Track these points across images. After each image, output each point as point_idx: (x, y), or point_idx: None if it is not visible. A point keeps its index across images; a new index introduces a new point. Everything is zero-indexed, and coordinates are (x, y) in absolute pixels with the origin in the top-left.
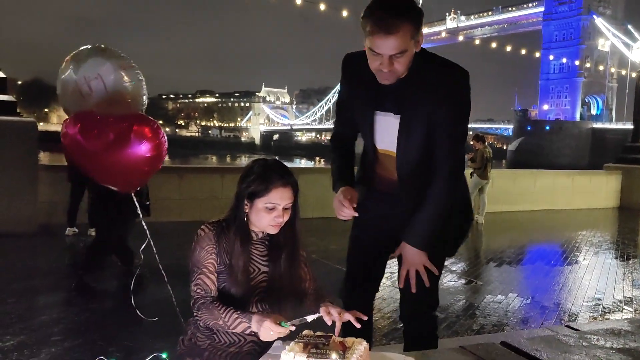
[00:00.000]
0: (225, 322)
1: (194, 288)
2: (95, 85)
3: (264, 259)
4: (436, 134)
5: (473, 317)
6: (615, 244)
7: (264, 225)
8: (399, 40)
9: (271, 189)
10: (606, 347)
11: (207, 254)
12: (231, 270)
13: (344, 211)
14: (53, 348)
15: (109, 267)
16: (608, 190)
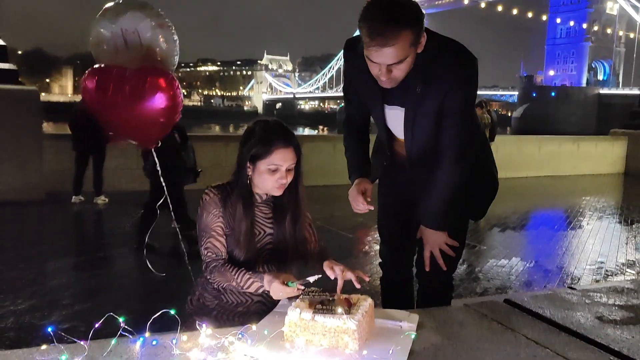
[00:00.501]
0: (238, 283)
1: (205, 252)
2: (131, 40)
3: (269, 221)
4: (443, 121)
5: (477, 281)
6: (619, 209)
7: (267, 188)
8: (397, 50)
9: (273, 151)
10: (608, 304)
11: (215, 217)
12: (236, 233)
13: (359, 206)
14: (64, 311)
15: (117, 234)
16: (613, 156)
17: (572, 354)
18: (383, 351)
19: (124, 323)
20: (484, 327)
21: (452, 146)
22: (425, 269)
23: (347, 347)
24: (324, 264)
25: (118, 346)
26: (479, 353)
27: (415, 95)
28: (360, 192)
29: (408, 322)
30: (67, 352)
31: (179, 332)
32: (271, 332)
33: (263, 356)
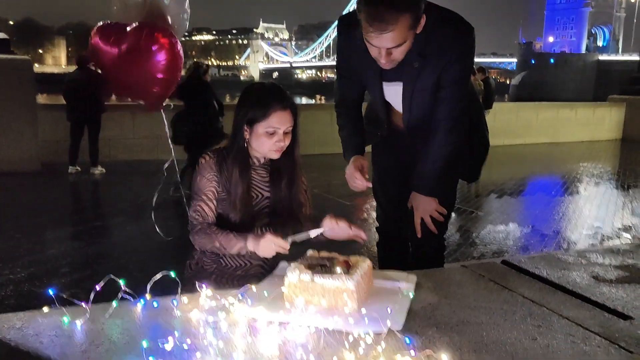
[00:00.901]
0: (221, 244)
1: (192, 214)
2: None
3: (266, 185)
4: (440, 92)
5: (474, 246)
6: (616, 175)
7: (265, 151)
8: (396, 34)
9: (271, 113)
10: (605, 265)
11: (208, 181)
12: (233, 196)
13: (356, 183)
14: (63, 279)
15: (114, 204)
16: (611, 122)
17: (567, 311)
18: (382, 310)
19: (124, 286)
20: (481, 286)
21: (448, 117)
22: (418, 236)
23: (347, 307)
24: (326, 219)
25: (119, 308)
26: (476, 311)
27: (414, 70)
28: (357, 169)
29: (406, 282)
30: (69, 314)
31: (179, 294)
32: (271, 293)
33: (263, 316)
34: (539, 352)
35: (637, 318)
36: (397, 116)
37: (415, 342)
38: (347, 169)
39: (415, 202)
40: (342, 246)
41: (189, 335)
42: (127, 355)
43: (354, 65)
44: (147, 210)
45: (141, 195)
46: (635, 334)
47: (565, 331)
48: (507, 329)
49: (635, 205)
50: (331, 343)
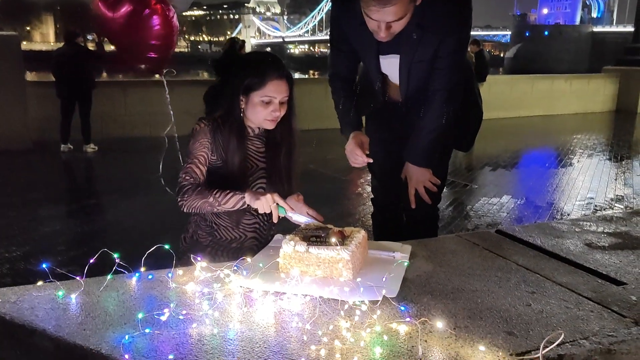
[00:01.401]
0: (216, 198)
1: (183, 175)
2: None
3: (261, 156)
4: (436, 62)
5: (468, 218)
6: (609, 146)
7: (260, 120)
8: (397, 8)
9: (267, 82)
10: (598, 232)
11: (201, 146)
12: (227, 166)
13: (357, 159)
14: (59, 257)
15: (108, 181)
16: (605, 94)
17: (561, 278)
18: (377, 279)
19: (119, 260)
20: (476, 255)
21: (444, 88)
22: (412, 206)
23: (342, 276)
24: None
25: (114, 281)
26: (471, 279)
27: (411, 42)
28: (357, 145)
29: (401, 252)
30: (64, 288)
31: (174, 266)
32: (266, 264)
33: (259, 286)
34: (532, 317)
35: (630, 283)
36: (393, 88)
37: (410, 310)
38: (347, 145)
39: (409, 173)
40: (336, 219)
41: (185, 307)
42: (123, 326)
43: (349, 38)
44: (141, 187)
45: (133, 170)
46: (627, 299)
47: (558, 297)
48: (501, 295)
49: (628, 176)
50: (327, 311)
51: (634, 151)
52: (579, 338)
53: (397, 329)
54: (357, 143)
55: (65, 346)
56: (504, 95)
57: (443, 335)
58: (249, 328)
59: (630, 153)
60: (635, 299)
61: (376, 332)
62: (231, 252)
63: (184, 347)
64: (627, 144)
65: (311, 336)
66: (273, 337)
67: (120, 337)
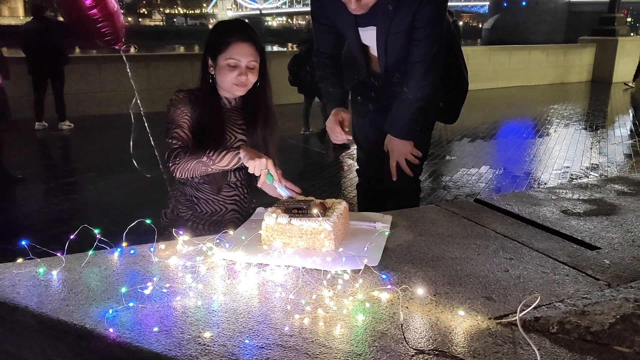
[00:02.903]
0: (209, 157)
1: (171, 141)
2: None
3: (239, 127)
4: (414, 34)
5: (447, 189)
6: (585, 116)
7: (228, 85)
8: None
9: (230, 43)
10: (573, 199)
11: (182, 113)
12: (206, 137)
13: (337, 136)
14: (38, 236)
15: (85, 159)
16: (582, 64)
17: (537, 244)
18: (358, 249)
19: (100, 235)
20: (455, 223)
21: (423, 60)
22: (393, 179)
23: (324, 247)
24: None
25: (96, 257)
26: (450, 247)
27: (387, 13)
28: (338, 122)
29: (382, 223)
30: (45, 264)
31: (156, 240)
32: (248, 237)
33: (241, 259)
34: (510, 282)
35: (603, 248)
36: (374, 60)
37: (391, 278)
38: (328, 121)
39: (390, 146)
40: (318, 191)
41: (168, 280)
42: (107, 301)
43: (328, 12)
44: (119, 164)
45: (109, 147)
46: (601, 262)
47: (535, 262)
48: (480, 262)
49: (603, 144)
50: (309, 281)
51: (609, 121)
52: (554, 301)
53: (378, 297)
54: (337, 120)
55: (49, 322)
56: (482, 66)
57: (424, 301)
58: (232, 299)
59: (606, 122)
60: (609, 262)
61: (358, 300)
62: (212, 225)
63: (169, 320)
64: (602, 113)
65: (295, 306)
66: (257, 308)
67: (104, 312)
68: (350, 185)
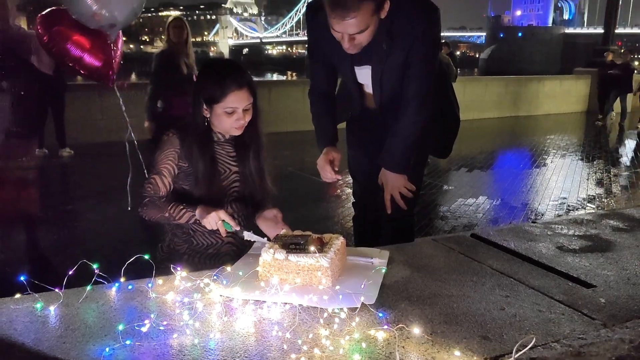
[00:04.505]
0: (171, 214)
1: (145, 186)
2: None
3: (232, 159)
4: (408, 71)
5: (445, 220)
6: (581, 147)
7: (226, 129)
8: (358, 21)
9: (227, 94)
10: (569, 235)
11: (166, 157)
12: (197, 172)
13: (327, 175)
14: (35, 265)
15: (84, 187)
16: (577, 95)
17: (533, 281)
18: (355, 286)
19: (98, 270)
20: (451, 259)
21: (416, 95)
22: (387, 212)
23: (321, 284)
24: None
25: (94, 292)
26: (447, 284)
27: (382, 51)
28: (328, 161)
29: (379, 258)
30: (42, 300)
31: (154, 276)
32: (246, 272)
33: (238, 295)
34: (507, 321)
35: (599, 286)
36: (369, 96)
37: (388, 316)
38: (319, 160)
39: (384, 179)
40: (315, 222)
41: (165, 317)
42: (104, 338)
43: (325, 51)
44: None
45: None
46: (597, 301)
47: (531, 300)
48: (476, 300)
49: (600, 176)
50: (306, 320)
51: (605, 152)
52: (550, 341)
53: (375, 336)
54: (327, 159)
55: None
56: (479, 96)
57: (420, 340)
58: (229, 337)
59: (602, 153)
60: (604, 301)
61: (355, 340)
62: (208, 258)
63: (165, 359)
64: (599, 144)
65: (291, 345)
66: (253, 347)
67: (100, 350)
68: (348, 215)
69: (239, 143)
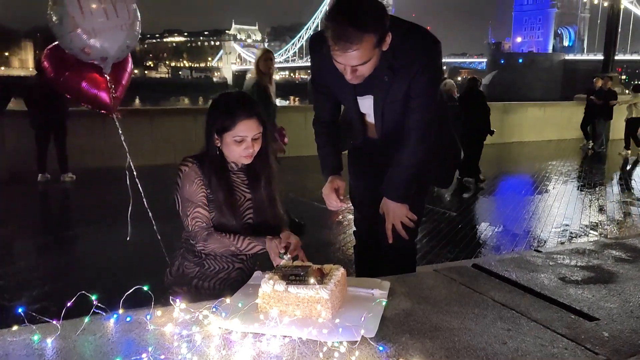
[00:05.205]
0: (238, 247)
1: (192, 221)
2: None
3: (246, 187)
4: (409, 102)
5: (447, 247)
6: (583, 173)
7: (236, 157)
8: (360, 53)
9: (237, 123)
10: (571, 265)
11: (198, 187)
12: (216, 200)
13: (332, 204)
14: (34, 291)
15: (85, 212)
16: (578, 121)
17: (536, 314)
18: (356, 319)
19: (97, 301)
20: (453, 291)
21: (417, 127)
22: (389, 241)
23: (320, 316)
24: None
25: (91, 324)
26: (448, 316)
27: (383, 83)
28: (333, 189)
29: (380, 290)
30: (40, 332)
31: (152, 307)
32: (245, 304)
33: (237, 328)
34: (508, 356)
35: (602, 319)
36: (371, 126)
37: (388, 350)
38: (324, 189)
39: (386, 208)
40: (317, 249)
41: (163, 350)
42: None
43: (328, 82)
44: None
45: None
46: (600, 335)
47: (534, 334)
48: (478, 333)
49: (602, 202)
50: (305, 353)
51: (606, 178)
52: None
53: None
54: (332, 188)
55: None
56: None
57: None
58: None
59: (604, 179)
60: (608, 335)
61: None
62: (218, 282)
63: None
64: (601, 170)
65: None
66: None
67: None
68: (350, 242)
69: (251, 171)
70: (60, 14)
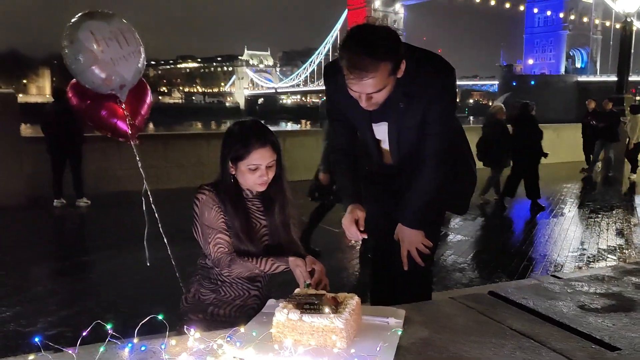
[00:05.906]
0: (262, 270)
1: (214, 248)
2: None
3: (261, 213)
4: (425, 129)
5: (462, 272)
6: (599, 195)
7: (250, 185)
8: (375, 81)
9: (251, 151)
10: (590, 293)
11: (217, 214)
12: (234, 227)
13: (353, 235)
14: (50, 317)
15: (101, 237)
16: None
17: (555, 343)
18: (371, 348)
19: (112, 329)
20: (470, 319)
21: (433, 154)
22: (405, 268)
23: (335, 346)
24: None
25: (106, 353)
26: (465, 346)
27: (399, 110)
28: (354, 220)
29: (395, 318)
30: None
31: (167, 336)
32: (259, 333)
33: (251, 358)
34: None
35: (624, 348)
36: (386, 153)
37: None
38: (344, 219)
39: (401, 235)
40: (330, 274)
41: None
42: None
43: (343, 109)
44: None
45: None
46: None
47: None
48: None
49: (619, 225)
50: None
51: (623, 200)
52: None
53: None
54: (352, 219)
55: None
56: None
57: None
58: None
59: (620, 202)
60: None
61: None
62: (234, 308)
63: None
64: (617, 192)
65: None
66: None
67: None
68: (364, 267)
69: (266, 198)
70: (78, 51)
